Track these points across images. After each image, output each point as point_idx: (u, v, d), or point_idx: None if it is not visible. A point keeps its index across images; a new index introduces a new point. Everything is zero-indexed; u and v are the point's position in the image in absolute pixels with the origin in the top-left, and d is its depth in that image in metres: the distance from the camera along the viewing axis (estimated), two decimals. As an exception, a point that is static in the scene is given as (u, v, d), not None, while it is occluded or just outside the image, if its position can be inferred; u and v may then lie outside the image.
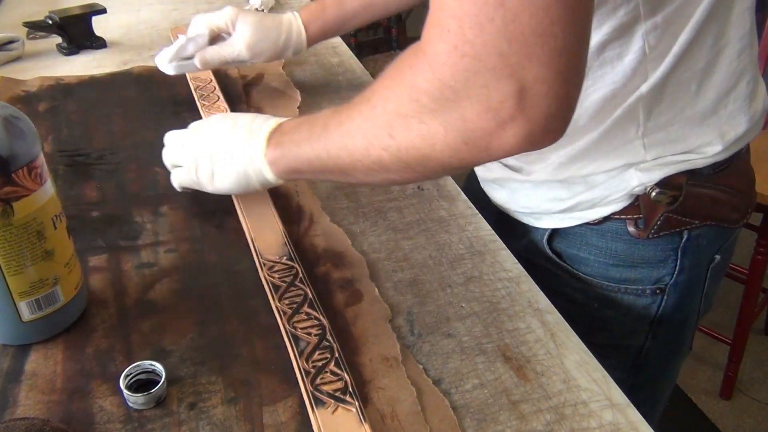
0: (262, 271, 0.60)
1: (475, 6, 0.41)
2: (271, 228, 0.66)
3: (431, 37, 0.44)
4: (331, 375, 0.51)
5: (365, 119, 0.52)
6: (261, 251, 0.63)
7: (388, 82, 0.50)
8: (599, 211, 0.68)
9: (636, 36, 0.58)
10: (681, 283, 0.69)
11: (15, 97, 0.93)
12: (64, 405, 0.50)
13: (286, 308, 0.56)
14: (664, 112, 0.62)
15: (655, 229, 0.66)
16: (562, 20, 0.41)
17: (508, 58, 0.41)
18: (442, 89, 0.45)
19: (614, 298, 0.71)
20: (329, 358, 0.52)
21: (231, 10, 0.85)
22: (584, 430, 0.49)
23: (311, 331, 0.54)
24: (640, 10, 0.57)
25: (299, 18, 0.87)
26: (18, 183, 0.48)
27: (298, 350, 0.53)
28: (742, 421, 1.75)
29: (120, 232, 0.68)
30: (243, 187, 0.64)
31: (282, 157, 0.60)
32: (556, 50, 0.41)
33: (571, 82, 0.43)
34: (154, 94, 0.96)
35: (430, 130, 0.47)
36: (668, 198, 0.65)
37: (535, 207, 0.72)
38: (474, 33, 0.41)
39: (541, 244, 0.73)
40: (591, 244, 0.70)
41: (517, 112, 0.43)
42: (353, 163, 0.54)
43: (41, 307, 0.54)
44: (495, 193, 0.77)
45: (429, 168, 0.50)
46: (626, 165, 0.64)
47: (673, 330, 0.74)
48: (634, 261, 0.69)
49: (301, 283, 0.59)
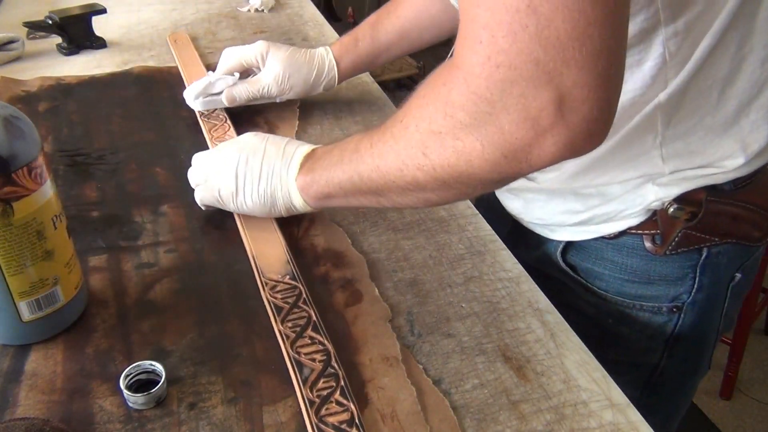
0: (264, 292, 0.59)
1: (507, 14, 0.40)
2: (273, 245, 0.64)
3: (463, 51, 0.43)
4: (337, 405, 0.49)
5: (397, 139, 0.51)
6: (263, 270, 0.61)
7: (421, 100, 0.49)
8: (615, 225, 0.66)
9: (656, 42, 0.56)
10: (699, 301, 0.67)
11: (15, 97, 0.93)
12: (64, 405, 0.50)
13: (288, 332, 0.54)
14: (684, 120, 0.60)
15: (672, 245, 0.64)
16: (599, 21, 0.39)
17: (544, 65, 0.40)
18: (478, 102, 0.44)
19: (629, 315, 0.69)
20: (334, 387, 0.50)
21: (263, 45, 0.83)
22: (584, 430, 0.49)
23: (315, 356, 0.52)
24: (660, 16, 0.54)
25: (331, 53, 0.86)
26: (18, 183, 0.48)
27: (302, 378, 0.51)
28: (742, 421, 1.75)
29: (120, 232, 0.68)
30: (267, 209, 0.64)
31: (313, 183, 0.60)
32: (594, 52, 0.40)
33: (611, 83, 0.42)
34: (154, 94, 0.96)
35: (466, 146, 0.46)
36: (687, 214, 0.62)
37: (549, 219, 0.71)
38: (508, 42, 0.40)
39: (554, 256, 0.72)
40: (606, 259, 0.68)
41: (557, 120, 0.42)
42: (387, 183, 0.53)
43: (41, 307, 0.54)
44: (510, 203, 0.75)
45: (467, 185, 0.49)
46: (643, 177, 0.62)
47: (690, 349, 0.71)
48: (651, 277, 0.67)
49: (304, 304, 0.57)
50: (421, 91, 0.50)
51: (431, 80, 0.49)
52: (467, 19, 0.43)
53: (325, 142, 0.84)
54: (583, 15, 0.39)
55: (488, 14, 0.41)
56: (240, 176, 0.63)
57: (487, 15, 0.41)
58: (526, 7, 0.39)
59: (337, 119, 0.91)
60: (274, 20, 1.26)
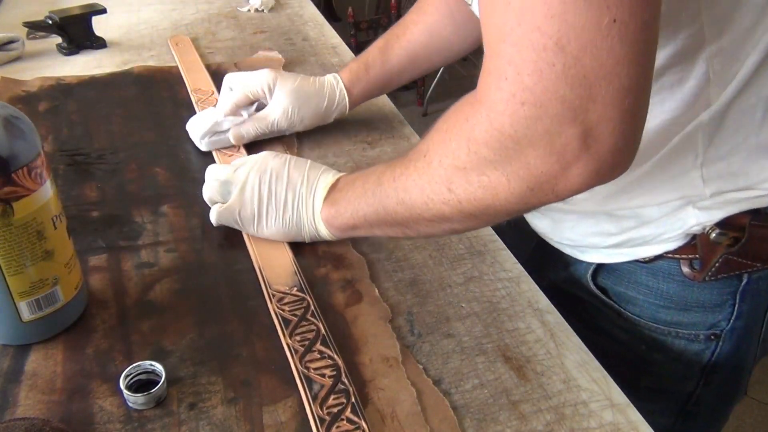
0: (271, 304, 0.58)
1: (533, 52, 0.39)
2: (280, 256, 0.64)
3: (488, 86, 0.43)
4: (348, 423, 0.48)
5: (421, 174, 0.51)
6: (270, 281, 0.60)
7: (444, 135, 0.49)
8: (651, 249, 0.63)
9: (699, 61, 0.53)
10: (738, 329, 0.64)
11: (15, 97, 0.93)
12: (64, 405, 0.50)
13: (297, 346, 0.54)
14: (726, 140, 0.57)
15: (712, 271, 0.61)
16: (627, 59, 0.39)
17: (570, 103, 0.40)
18: (502, 139, 0.43)
19: (664, 342, 0.66)
20: (345, 404, 0.49)
21: (269, 75, 0.79)
22: (584, 430, 0.49)
23: (325, 372, 0.52)
24: (704, 33, 0.52)
25: (341, 82, 0.82)
26: (18, 183, 0.48)
27: (311, 394, 0.50)
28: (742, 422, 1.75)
29: (120, 232, 0.68)
30: (291, 236, 0.64)
31: (338, 215, 0.60)
32: (622, 90, 0.40)
33: (637, 117, 0.42)
34: (154, 94, 0.96)
35: (491, 180, 0.46)
36: (729, 240, 0.59)
37: (580, 240, 0.68)
38: (533, 80, 0.40)
39: (584, 278, 0.69)
40: (640, 283, 0.65)
41: (583, 153, 0.42)
42: (413, 216, 0.53)
43: (41, 307, 0.54)
44: (537, 222, 0.73)
45: (493, 216, 0.49)
46: (683, 199, 0.60)
47: (727, 376, 0.68)
48: (688, 304, 0.64)
49: (313, 317, 0.57)
50: (443, 124, 0.50)
51: (454, 114, 0.48)
52: (492, 53, 0.42)
53: (326, 143, 0.85)
54: (611, 54, 0.38)
55: (514, 50, 0.40)
56: (263, 202, 0.63)
57: (512, 51, 0.40)
58: (554, 45, 0.38)
59: (337, 120, 0.91)
60: (274, 20, 1.26)
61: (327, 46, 1.15)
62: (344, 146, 0.85)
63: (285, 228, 0.63)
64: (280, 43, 1.16)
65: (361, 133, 0.88)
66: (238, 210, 0.63)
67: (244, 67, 1.04)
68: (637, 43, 0.39)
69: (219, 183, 0.65)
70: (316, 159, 0.81)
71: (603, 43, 0.38)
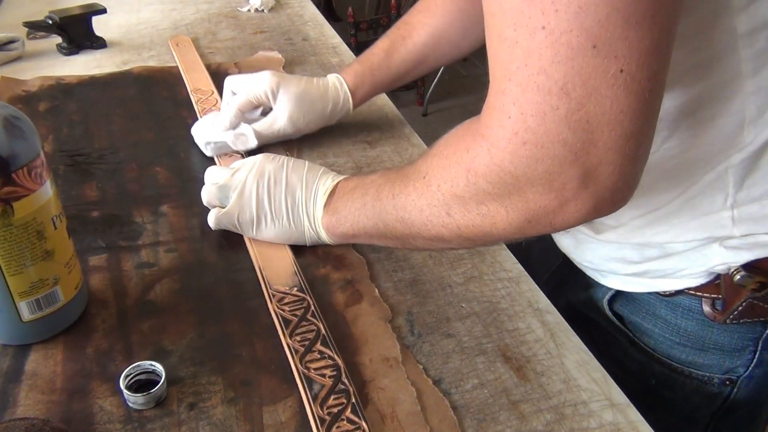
0: (271, 304, 0.58)
1: (538, 94, 0.39)
2: (280, 256, 0.64)
3: (491, 122, 0.43)
4: (348, 423, 0.48)
5: (420, 195, 0.51)
6: (270, 281, 0.61)
7: (444, 160, 0.49)
8: (672, 282, 0.61)
9: (735, 98, 0.51)
10: (757, 377, 0.61)
11: (15, 97, 0.93)
12: (64, 405, 0.50)
13: (297, 346, 0.54)
14: (760, 182, 0.55)
15: (735, 314, 0.58)
16: (631, 108, 0.39)
17: (572, 146, 0.40)
18: (502, 175, 0.44)
19: (675, 380, 0.64)
20: (345, 404, 0.49)
21: (271, 79, 0.77)
22: (584, 430, 0.49)
23: (325, 372, 0.52)
24: (742, 70, 0.50)
25: (345, 84, 0.81)
26: (18, 183, 0.48)
27: (311, 394, 0.50)
28: (742, 421, 1.75)
29: (120, 232, 0.68)
30: (292, 241, 0.64)
31: (339, 224, 0.60)
32: (624, 136, 0.40)
33: (638, 159, 0.42)
34: (154, 94, 0.96)
35: (490, 210, 0.46)
36: (755, 284, 0.56)
37: (601, 264, 0.66)
38: (536, 121, 0.40)
39: (601, 302, 0.67)
40: (658, 316, 0.63)
41: (581, 191, 0.42)
42: (412, 234, 0.54)
43: (41, 307, 0.54)
44: (561, 239, 0.71)
45: (490, 241, 0.50)
46: (710, 238, 0.57)
47: (739, 424, 0.66)
48: (705, 344, 0.61)
49: (313, 317, 0.57)
50: (444, 149, 0.50)
51: (455, 140, 0.49)
52: (497, 89, 0.42)
53: (326, 143, 0.85)
54: (615, 102, 0.38)
55: (518, 90, 0.40)
56: (262, 207, 0.63)
57: (517, 91, 0.40)
58: (559, 89, 0.39)
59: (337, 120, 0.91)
60: (274, 20, 1.26)
61: (327, 46, 1.15)
62: (344, 146, 0.85)
63: (287, 234, 0.63)
64: (280, 43, 1.16)
65: (361, 133, 0.88)
66: (237, 215, 0.63)
67: (244, 67, 1.04)
68: (642, 93, 0.39)
69: (217, 188, 0.65)
70: (316, 159, 0.82)
71: (608, 92, 0.38)
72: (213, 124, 0.80)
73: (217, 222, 0.65)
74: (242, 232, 0.65)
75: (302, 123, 0.80)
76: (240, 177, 0.64)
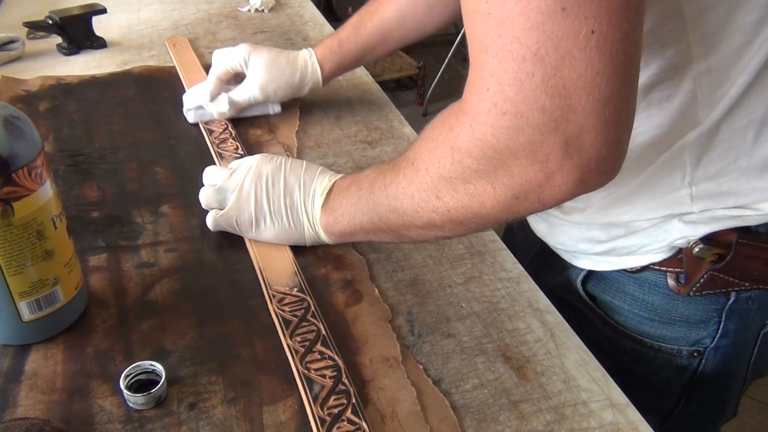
0: (272, 304, 0.58)
1: (513, 63, 0.39)
2: (280, 256, 0.64)
3: (471, 97, 0.43)
4: (349, 424, 0.48)
5: (410, 182, 0.52)
6: (270, 282, 0.61)
7: (430, 143, 0.49)
8: (637, 259, 0.63)
9: (686, 78, 0.53)
10: (723, 347, 0.63)
11: (16, 97, 0.93)
12: (64, 405, 0.50)
13: (297, 346, 0.54)
14: (715, 161, 0.56)
15: (697, 286, 0.60)
16: (607, 71, 0.39)
17: (551, 113, 0.40)
18: (484, 149, 0.44)
19: (646, 355, 0.66)
20: (346, 405, 0.49)
21: (245, 49, 0.84)
22: (584, 430, 0.49)
23: (325, 372, 0.52)
24: (692, 51, 0.51)
25: (315, 55, 0.86)
26: (18, 183, 0.48)
27: (312, 395, 0.50)
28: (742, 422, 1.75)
29: (120, 232, 0.68)
30: (291, 241, 0.65)
31: (336, 223, 0.61)
32: (602, 100, 0.40)
33: (620, 126, 0.42)
34: (154, 94, 0.96)
35: (477, 189, 0.46)
36: (713, 256, 0.59)
37: (571, 246, 0.68)
38: (514, 90, 0.40)
39: (576, 284, 0.69)
40: (627, 293, 0.65)
41: (565, 162, 0.42)
42: (405, 223, 0.54)
43: (41, 307, 0.54)
44: (536, 224, 0.73)
45: (481, 224, 0.49)
46: (670, 215, 0.59)
47: (710, 396, 0.67)
48: (672, 318, 0.63)
49: (313, 317, 0.57)
50: (429, 132, 0.50)
51: (440, 122, 0.49)
52: (475, 64, 0.42)
53: (326, 143, 0.85)
54: (590, 65, 0.39)
55: (495, 61, 0.40)
56: (261, 209, 0.63)
57: (494, 62, 0.41)
58: (533, 56, 0.39)
59: (337, 119, 0.91)
60: (274, 20, 1.26)
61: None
62: (344, 146, 0.85)
63: (285, 233, 0.63)
64: (280, 43, 1.16)
65: (361, 133, 0.88)
66: (236, 217, 0.64)
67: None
68: (616, 54, 0.39)
69: (214, 190, 0.65)
70: (316, 159, 0.82)
71: (581, 54, 0.38)
72: (197, 94, 0.87)
73: (216, 224, 0.65)
74: (241, 233, 0.65)
75: (271, 89, 0.85)
76: (238, 178, 0.64)
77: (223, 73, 0.85)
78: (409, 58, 3.18)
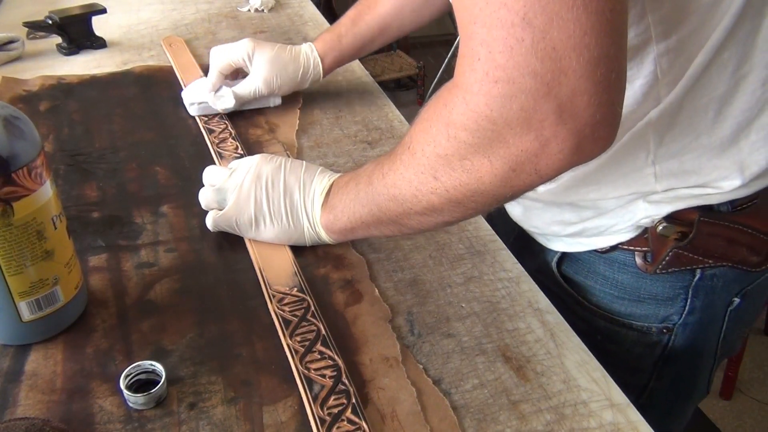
0: (271, 304, 0.58)
1: (502, 29, 0.40)
2: (280, 256, 0.64)
3: (463, 69, 0.43)
4: (349, 424, 0.48)
5: (407, 166, 0.52)
6: (270, 282, 0.60)
7: (424, 123, 0.49)
8: (607, 239, 0.65)
9: (647, 59, 0.54)
10: (691, 324, 0.65)
11: (16, 97, 0.93)
12: (64, 405, 0.50)
13: (297, 346, 0.54)
14: (677, 139, 0.58)
15: (663, 264, 0.62)
16: (595, 30, 0.39)
17: (542, 77, 0.40)
18: (478, 120, 0.44)
19: (618, 333, 0.68)
20: (346, 405, 0.49)
21: (248, 44, 0.85)
22: (584, 430, 0.49)
23: (325, 372, 0.52)
24: (652, 32, 0.53)
25: (315, 50, 0.88)
26: (18, 183, 0.48)
27: (312, 395, 0.50)
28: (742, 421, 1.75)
29: (120, 232, 0.68)
30: (292, 242, 0.65)
31: (336, 221, 0.61)
32: (592, 60, 0.40)
33: (612, 87, 0.42)
34: (154, 94, 0.96)
35: (474, 164, 0.46)
36: (677, 234, 0.61)
37: (544, 228, 0.70)
38: (504, 57, 0.40)
39: (551, 266, 0.71)
40: (598, 273, 0.67)
41: (560, 128, 0.42)
42: (405, 211, 0.53)
43: (41, 307, 0.54)
44: (511, 209, 0.74)
45: (481, 202, 0.49)
46: (636, 194, 0.61)
47: (681, 371, 0.69)
48: (641, 296, 0.65)
49: (313, 317, 0.57)
50: (424, 113, 0.50)
51: (434, 101, 0.49)
52: (465, 36, 0.42)
53: (326, 143, 0.85)
54: (578, 25, 0.39)
55: (484, 30, 0.41)
56: (261, 210, 0.63)
57: (483, 31, 0.41)
58: (521, 20, 0.39)
59: (337, 119, 0.91)
60: (274, 20, 1.26)
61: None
62: (344, 146, 0.85)
63: (285, 233, 0.63)
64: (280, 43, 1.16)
65: (361, 133, 0.88)
66: (235, 218, 0.64)
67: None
68: (603, 12, 0.39)
69: (214, 191, 0.65)
70: (316, 159, 0.82)
71: (569, 15, 0.39)
72: (199, 88, 0.88)
73: (215, 224, 0.65)
74: (241, 233, 0.65)
75: (275, 84, 0.87)
76: (237, 179, 0.64)
77: (225, 67, 0.86)
78: (409, 58, 3.19)
